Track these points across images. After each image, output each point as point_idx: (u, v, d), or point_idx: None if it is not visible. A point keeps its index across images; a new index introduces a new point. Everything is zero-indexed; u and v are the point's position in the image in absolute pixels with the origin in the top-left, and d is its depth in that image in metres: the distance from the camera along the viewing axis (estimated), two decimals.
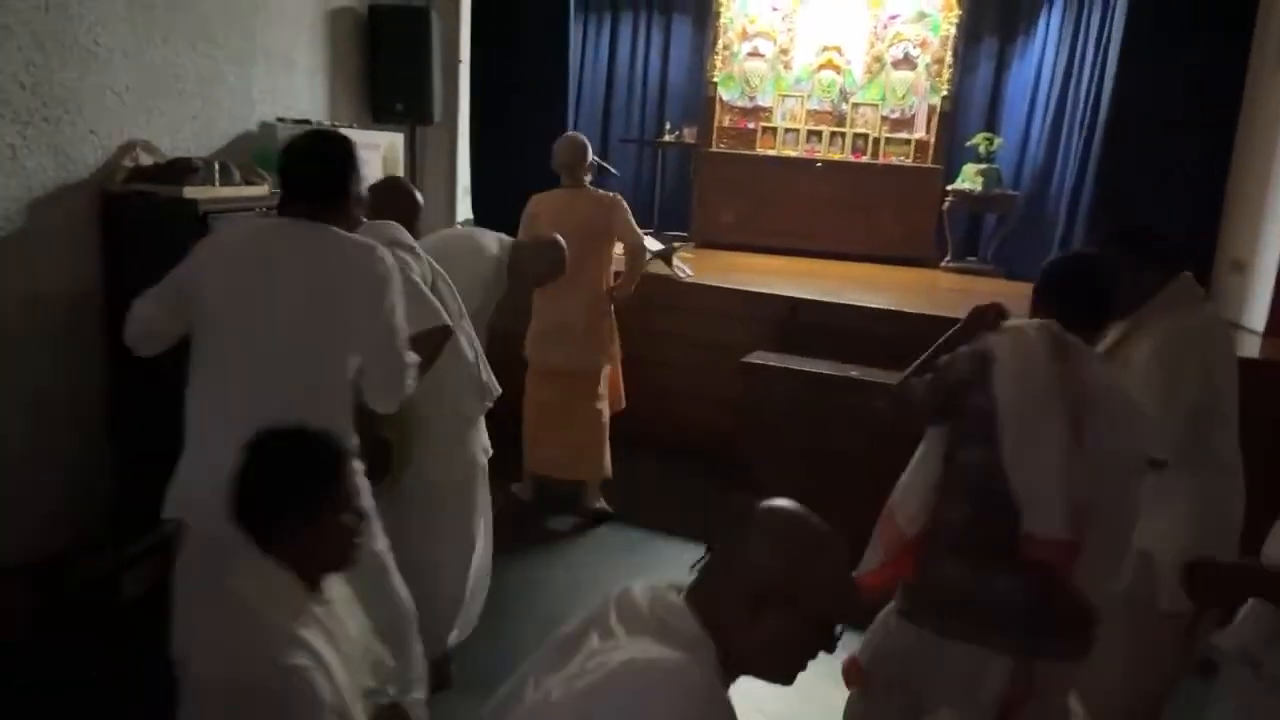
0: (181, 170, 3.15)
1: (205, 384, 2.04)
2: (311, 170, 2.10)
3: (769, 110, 7.12)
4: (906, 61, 6.91)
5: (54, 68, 2.98)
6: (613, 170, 4.69)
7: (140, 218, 2.93)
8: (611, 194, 4.22)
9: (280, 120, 4.13)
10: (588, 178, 4.30)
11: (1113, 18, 5.36)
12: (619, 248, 4.30)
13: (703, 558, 1.33)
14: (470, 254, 3.15)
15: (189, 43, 3.59)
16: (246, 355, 1.99)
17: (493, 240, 3.26)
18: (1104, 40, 5.51)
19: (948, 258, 6.64)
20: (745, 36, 7.08)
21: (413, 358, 2.11)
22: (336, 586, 1.70)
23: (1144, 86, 5.00)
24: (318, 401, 1.98)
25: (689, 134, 7.04)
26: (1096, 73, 5.55)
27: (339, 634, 1.63)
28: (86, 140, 3.12)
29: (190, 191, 3.10)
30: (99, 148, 3.18)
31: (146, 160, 3.26)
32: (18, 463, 2.92)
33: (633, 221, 4.20)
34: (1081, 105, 5.82)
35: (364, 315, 2.03)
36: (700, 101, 7.30)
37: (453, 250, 3.09)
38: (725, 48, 7.04)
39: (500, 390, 2.89)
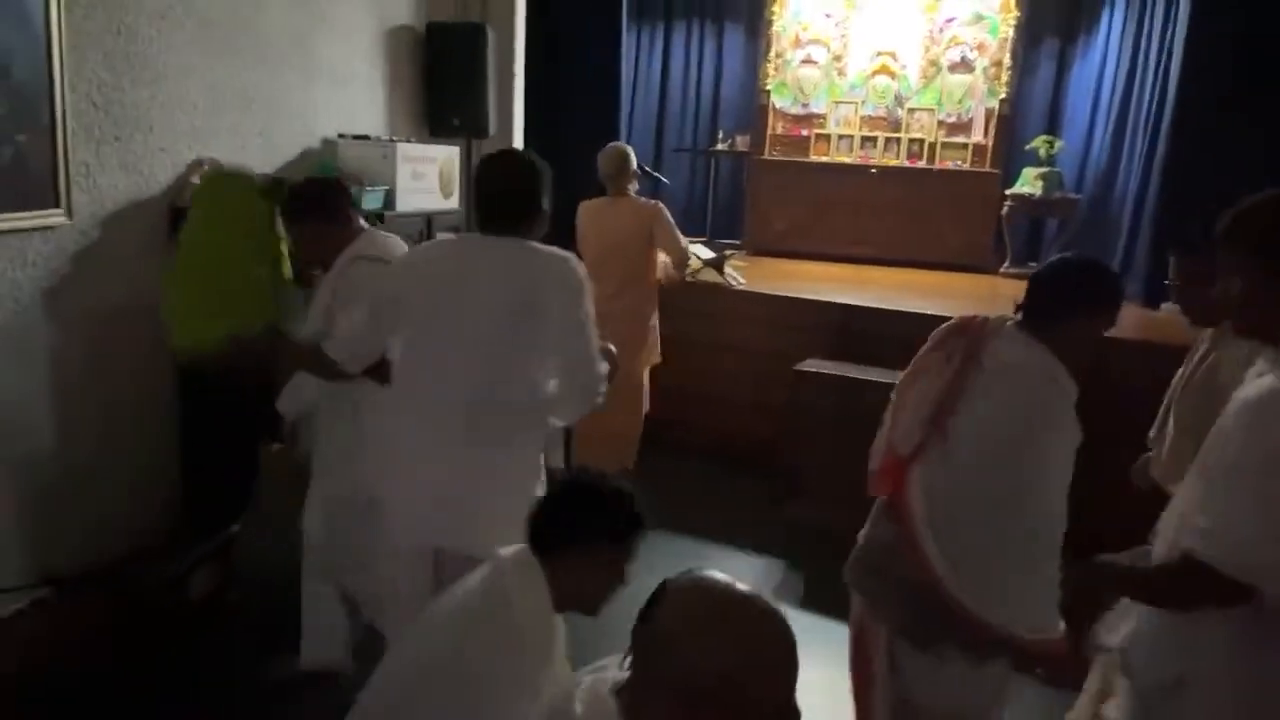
0: None
1: (407, 395, 2.14)
2: (508, 189, 2.15)
3: (823, 117, 7.08)
4: (963, 65, 6.81)
5: (125, 87, 3.11)
6: (662, 179, 4.72)
7: None
8: (653, 202, 4.27)
9: (341, 136, 4.24)
10: (633, 186, 4.36)
11: (1176, 14, 5.21)
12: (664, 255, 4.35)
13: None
14: None
15: (254, 62, 3.71)
16: (449, 365, 2.07)
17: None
18: (1168, 38, 5.36)
19: (1007, 263, 6.52)
20: (798, 44, 7.06)
21: (605, 368, 2.16)
22: None
23: (1209, 85, 4.86)
24: (519, 410, 2.09)
25: (742, 142, 7.04)
26: (1160, 72, 5.40)
27: None
28: (156, 157, 3.25)
29: None
30: (169, 164, 3.30)
31: None
32: (90, 469, 3.04)
33: (674, 229, 4.24)
34: (1146, 105, 5.67)
35: (561, 324, 2.09)
36: (753, 110, 7.29)
37: None
38: (778, 55, 7.03)
39: None
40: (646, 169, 4.82)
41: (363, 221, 2.71)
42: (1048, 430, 1.89)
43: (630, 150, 4.38)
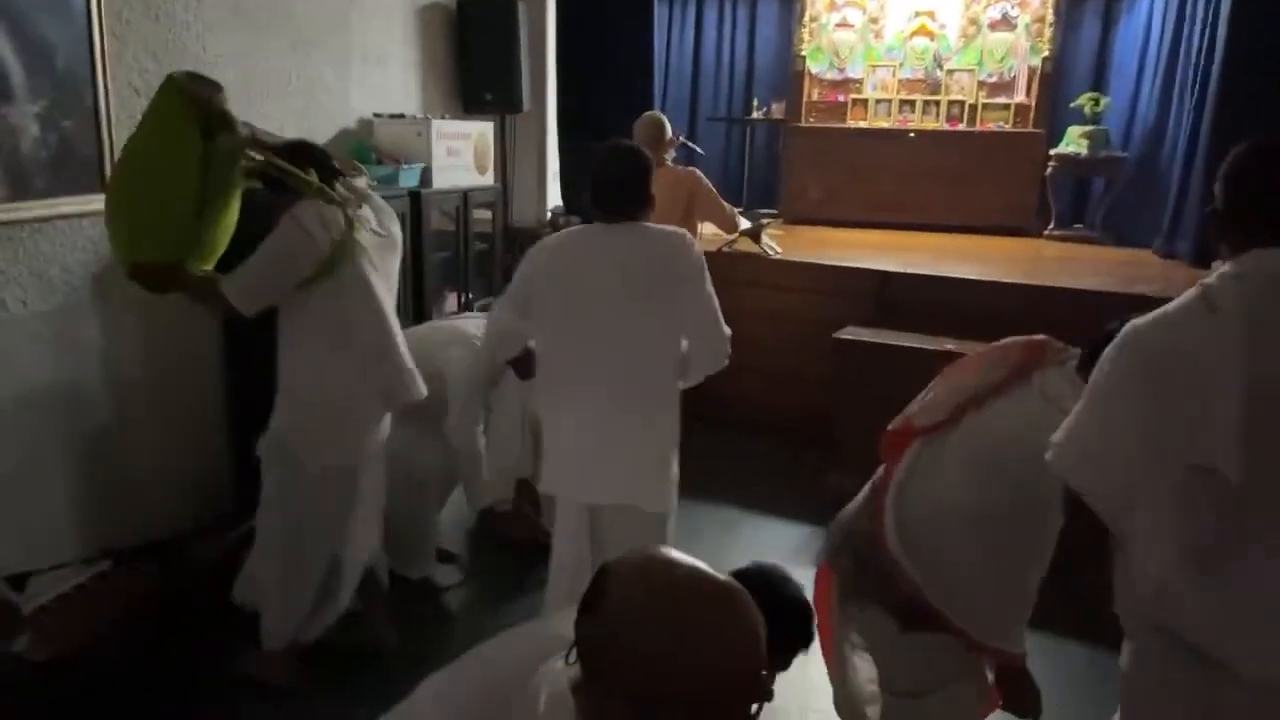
0: None
1: (556, 373, 2.39)
2: (624, 178, 2.36)
3: (859, 82, 6.97)
4: (1005, 22, 6.64)
5: (165, 73, 3.15)
6: (697, 148, 4.70)
7: (254, 213, 3.07)
8: (690, 169, 4.25)
9: (377, 115, 4.29)
10: (670, 154, 4.34)
11: None
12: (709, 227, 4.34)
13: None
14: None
15: (290, 45, 3.76)
16: (591, 344, 2.29)
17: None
18: None
19: (1051, 225, 6.39)
20: (833, 7, 6.94)
21: (728, 331, 2.42)
22: None
23: (1259, 39, 4.69)
24: (655, 377, 2.34)
25: (777, 110, 6.96)
26: (1208, 27, 5.22)
27: None
28: None
29: None
30: None
31: (257, 158, 3.42)
32: (144, 445, 3.14)
33: (715, 195, 4.24)
34: (1193, 61, 5.49)
35: (691, 297, 2.33)
36: (788, 77, 7.20)
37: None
38: (813, 19, 6.92)
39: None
40: (682, 139, 4.80)
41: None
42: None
43: (666, 119, 4.36)
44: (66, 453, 2.91)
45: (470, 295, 4.56)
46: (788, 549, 3.57)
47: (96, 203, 2.91)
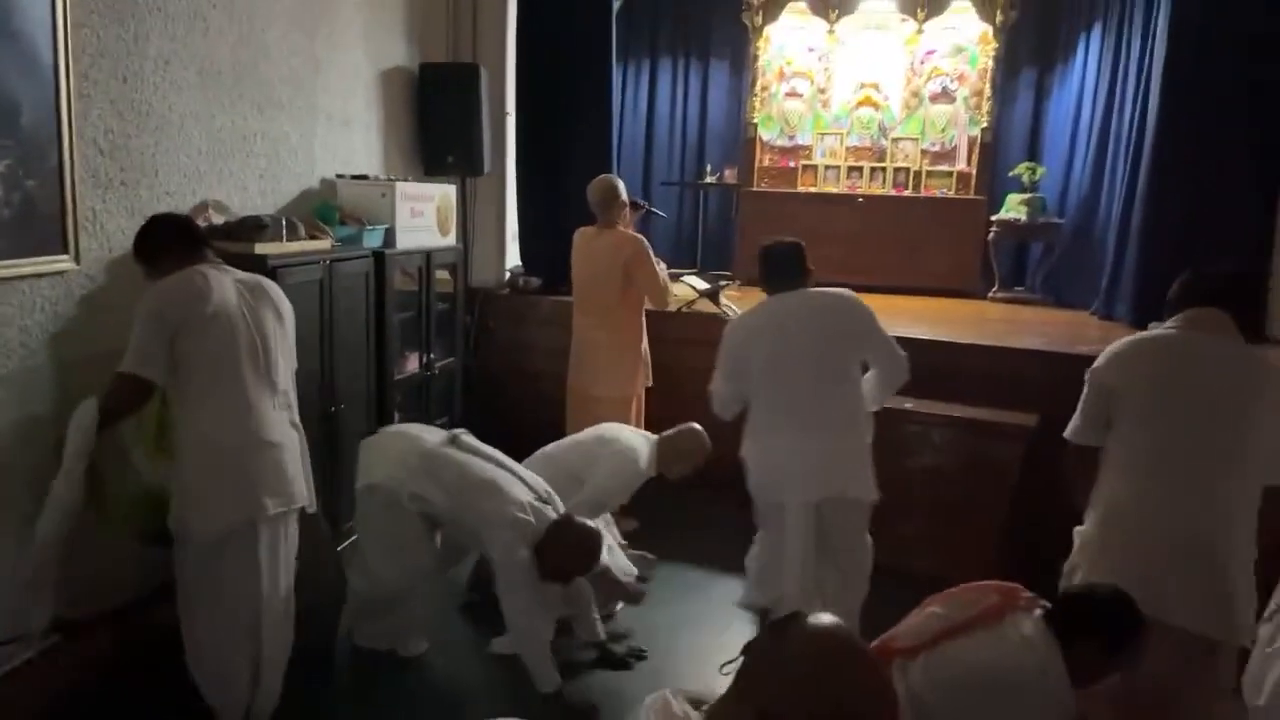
0: (251, 228, 3.28)
1: (768, 411, 3.06)
2: (793, 258, 3.14)
3: (809, 148, 7.20)
4: (945, 95, 6.95)
5: (130, 134, 3.14)
6: (659, 212, 4.76)
7: None
8: (634, 236, 4.28)
9: (339, 176, 4.29)
10: (627, 217, 4.39)
11: (1153, 44, 5.35)
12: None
13: (734, 659, 1.16)
14: (617, 456, 3.59)
15: (255, 106, 3.75)
16: (798, 384, 2.99)
17: (641, 442, 3.64)
18: (1146, 66, 5.49)
19: (995, 288, 6.61)
20: (783, 77, 7.19)
21: (903, 354, 3.09)
22: None
23: (1189, 110, 4.96)
24: (848, 398, 3.08)
25: (730, 174, 7.13)
26: (1140, 98, 5.53)
27: None
28: (162, 201, 3.27)
29: (261, 248, 3.23)
30: (173, 208, 3.30)
31: (218, 219, 3.40)
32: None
33: (652, 266, 4.23)
34: (1126, 131, 5.80)
35: (873, 338, 3.09)
36: (739, 143, 7.40)
37: (602, 450, 3.61)
38: (764, 89, 7.15)
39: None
40: (640, 202, 4.85)
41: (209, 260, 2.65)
42: None
43: (619, 182, 4.40)
44: (16, 522, 2.78)
45: (432, 355, 4.53)
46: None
47: (59, 263, 2.87)
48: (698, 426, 3.70)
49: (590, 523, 3.11)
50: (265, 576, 2.63)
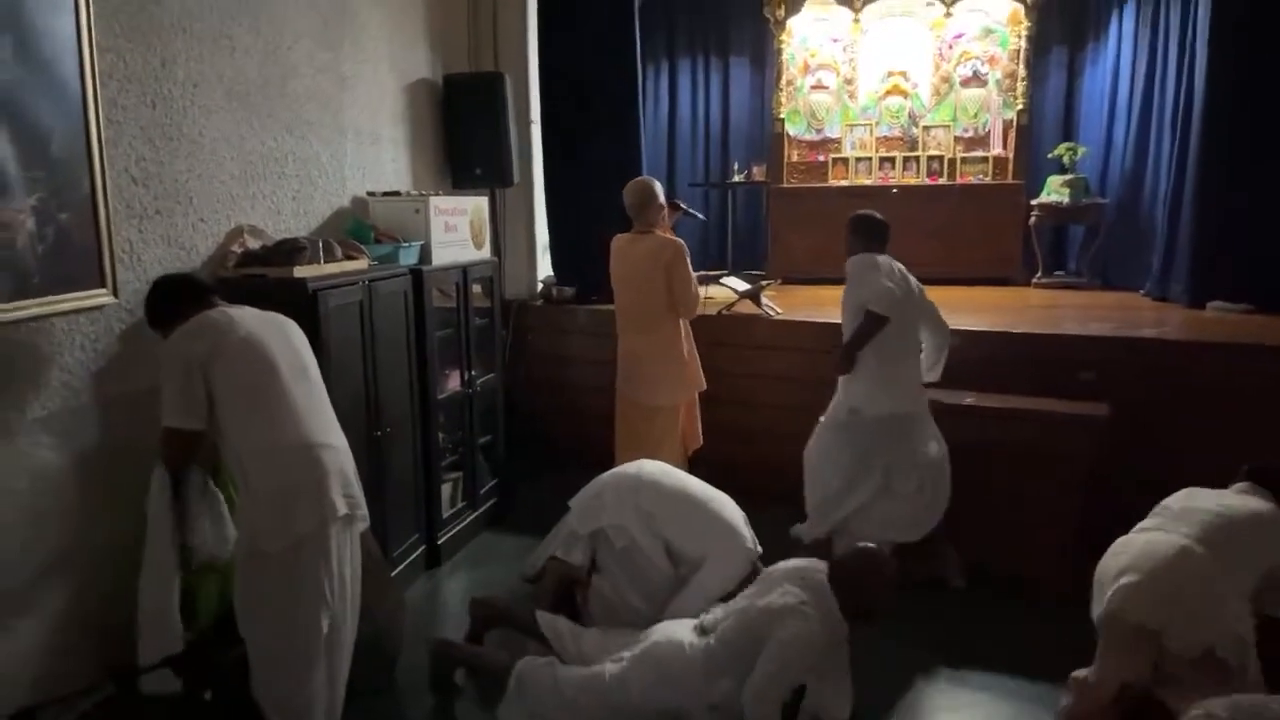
0: (289, 251, 3.18)
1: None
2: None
3: (837, 141, 7.04)
4: (976, 79, 6.78)
5: (163, 161, 3.05)
6: (697, 214, 4.59)
7: (255, 300, 2.93)
8: (673, 241, 4.13)
9: (370, 194, 4.19)
10: (667, 219, 4.26)
11: (1196, 13, 5.17)
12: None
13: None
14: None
15: (284, 127, 3.66)
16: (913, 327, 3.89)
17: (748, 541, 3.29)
18: (1189, 37, 5.32)
19: (1039, 274, 6.43)
20: (807, 70, 7.03)
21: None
22: None
23: (1239, 79, 4.80)
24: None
25: (758, 172, 6.99)
26: (1184, 70, 5.35)
27: None
28: (197, 229, 3.18)
29: (300, 271, 3.13)
30: (209, 235, 3.24)
31: (254, 244, 3.30)
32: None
33: (687, 270, 4.08)
34: (1170, 104, 5.62)
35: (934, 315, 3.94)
36: (764, 139, 7.26)
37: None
38: (789, 83, 6.99)
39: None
40: (678, 202, 4.70)
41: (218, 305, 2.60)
42: None
43: (655, 184, 4.26)
44: (71, 569, 2.69)
45: (473, 372, 4.41)
46: None
47: (97, 297, 2.78)
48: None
49: None
50: (337, 583, 2.53)
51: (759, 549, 3.23)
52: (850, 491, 3.80)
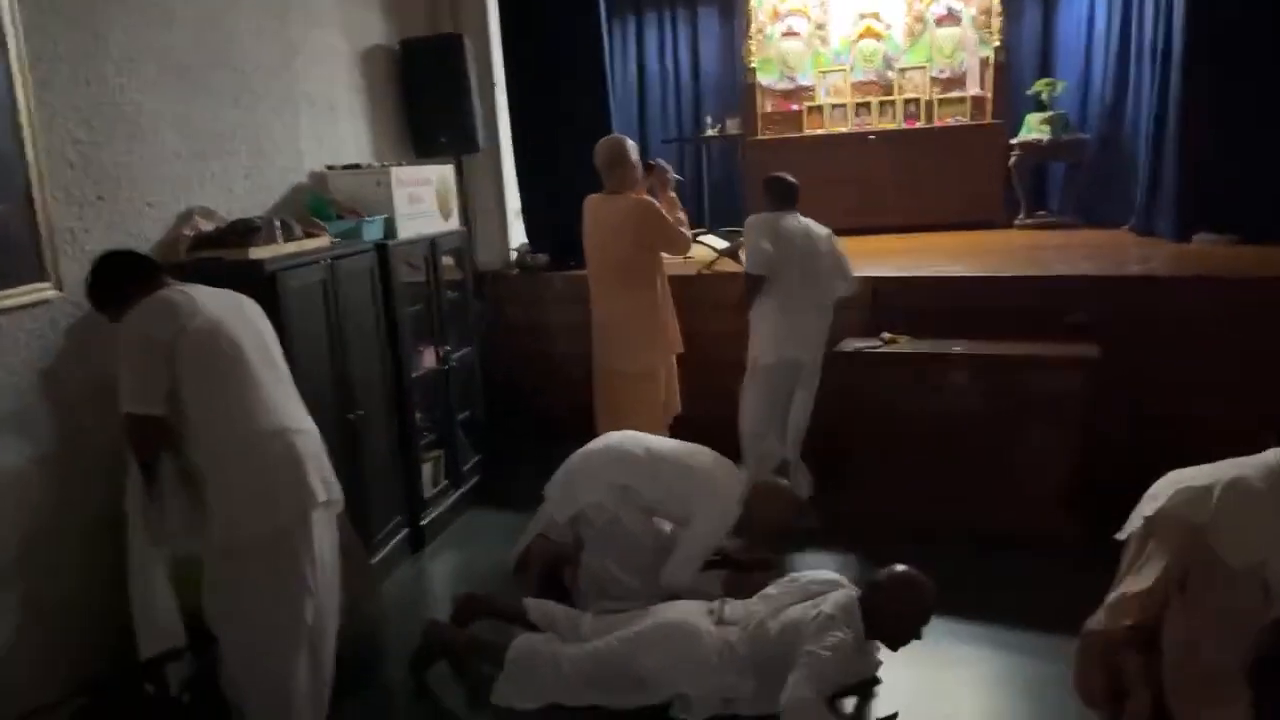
0: (244, 231, 3.03)
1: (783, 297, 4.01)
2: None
3: (811, 89, 6.88)
4: (950, 17, 6.61)
5: (101, 142, 2.89)
6: (675, 175, 4.41)
7: (209, 285, 2.79)
8: (643, 199, 4.01)
9: (330, 168, 4.02)
10: (639, 180, 4.11)
11: None
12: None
13: None
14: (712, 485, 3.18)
15: (231, 99, 3.48)
16: (810, 283, 4.10)
17: (735, 484, 3.22)
18: None
19: (1021, 214, 6.32)
20: (777, 16, 6.85)
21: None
22: None
23: (1221, 5, 4.67)
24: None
25: (732, 125, 6.82)
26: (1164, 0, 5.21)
27: None
28: (144, 214, 3.02)
29: (256, 252, 2.98)
30: (157, 219, 3.08)
31: (206, 226, 3.15)
32: (103, 563, 2.80)
33: (664, 225, 3.99)
34: (1149, 36, 5.48)
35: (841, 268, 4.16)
36: (736, 91, 7.08)
37: (697, 477, 3.19)
38: (759, 31, 6.81)
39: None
40: (656, 162, 4.51)
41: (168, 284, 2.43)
42: None
43: (628, 141, 4.12)
44: (24, 582, 2.57)
45: (448, 348, 4.28)
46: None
47: (40, 292, 2.63)
48: (785, 483, 3.34)
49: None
50: (319, 571, 2.43)
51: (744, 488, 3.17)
52: (761, 433, 4.16)
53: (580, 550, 3.21)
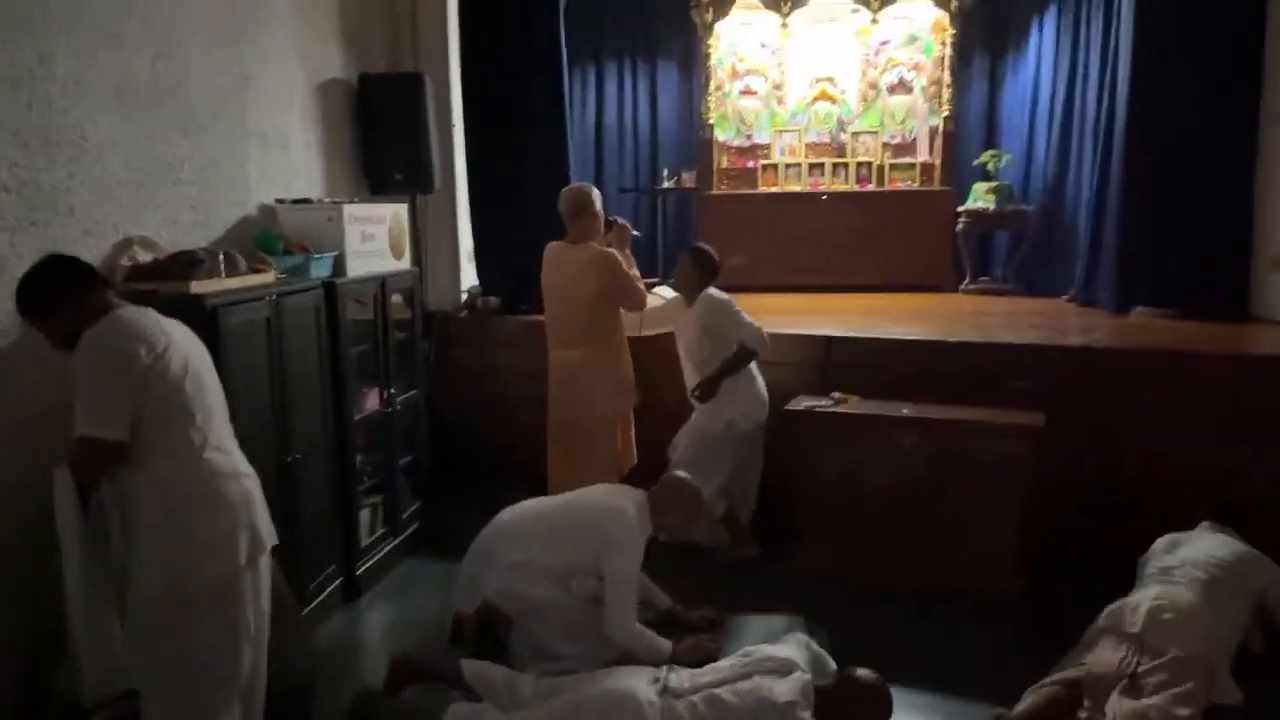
0: (185, 264, 2.92)
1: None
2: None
3: (767, 147, 6.98)
4: (902, 86, 6.80)
5: (40, 167, 2.77)
6: (633, 231, 4.37)
7: None
8: (604, 251, 3.97)
9: (280, 201, 3.92)
10: (600, 230, 4.08)
11: (1118, 22, 5.22)
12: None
13: None
14: (607, 517, 3.08)
15: (180, 130, 3.38)
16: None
17: (629, 504, 3.11)
18: (1111, 45, 5.37)
19: (966, 280, 6.46)
20: (736, 75, 6.97)
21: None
22: None
23: (1162, 87, 4.86)
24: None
25: (688, 178, 6.87)
26: (1105, 78, 5.41)
27: None
28: (81, 242, 2.89)
29: (197, 286, 2.87)
30: (95, 248, 2.95)
31: (145, 257, 3.03)
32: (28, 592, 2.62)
33: (624, 280, 3.96)
34: (1092, 111, 5.68)
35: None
36: (693, 145, 7.16)
37: (587, 519, 3.11)
38: (717, 88, 6.91)
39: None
40: (618, 220, 4.45)
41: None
42: None
43: (592, 191, 4.10)
44: None
45: (393, 390, 4.17)
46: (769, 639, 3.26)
47: None
48: (683, 475, 3.29)
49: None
50: (257, 619, 2.33)
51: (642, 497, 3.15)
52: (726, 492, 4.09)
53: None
